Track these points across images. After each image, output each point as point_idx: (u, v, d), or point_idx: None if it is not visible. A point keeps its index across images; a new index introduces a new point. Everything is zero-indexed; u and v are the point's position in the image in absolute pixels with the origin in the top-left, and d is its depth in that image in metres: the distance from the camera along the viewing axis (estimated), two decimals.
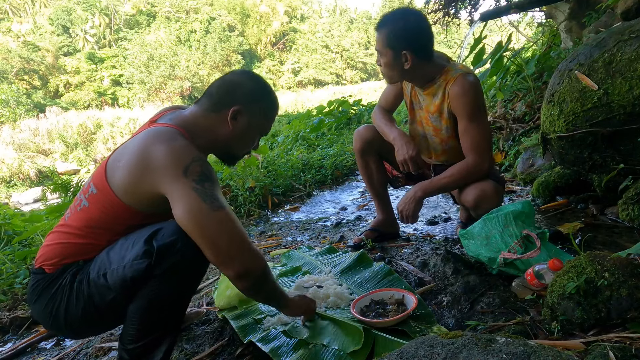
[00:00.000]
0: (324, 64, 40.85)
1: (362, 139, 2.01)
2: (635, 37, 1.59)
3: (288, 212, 3.39)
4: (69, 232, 1.14)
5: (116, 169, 1.09)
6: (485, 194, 1.69)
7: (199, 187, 1.00)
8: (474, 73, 1.74)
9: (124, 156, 1.09)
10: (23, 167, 15.36)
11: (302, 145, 6.08)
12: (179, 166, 1.01)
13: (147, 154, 1.04)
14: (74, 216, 1.15)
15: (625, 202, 1.77)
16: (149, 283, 1.03)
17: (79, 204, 1.15)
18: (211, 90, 1.21)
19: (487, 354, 0.78)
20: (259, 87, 1.22)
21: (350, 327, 1.28)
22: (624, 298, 1.04)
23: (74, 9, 34.56)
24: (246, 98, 1.19)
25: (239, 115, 1.19)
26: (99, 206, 1.11)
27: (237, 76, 1.22)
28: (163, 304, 1.07)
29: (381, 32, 1.66)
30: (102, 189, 1.10)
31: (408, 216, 1.78)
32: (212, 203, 1.00)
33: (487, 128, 1.72)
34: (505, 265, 1.46)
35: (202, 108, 1.20)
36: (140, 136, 1.11)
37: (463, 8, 6.15)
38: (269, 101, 1.25)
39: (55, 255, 1.13)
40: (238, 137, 1.22)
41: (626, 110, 1.59)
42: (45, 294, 1.12)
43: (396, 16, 1.66)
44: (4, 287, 2.25)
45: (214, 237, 1.00)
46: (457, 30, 8.69)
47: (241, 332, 1.38)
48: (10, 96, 21.97)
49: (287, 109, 17.95)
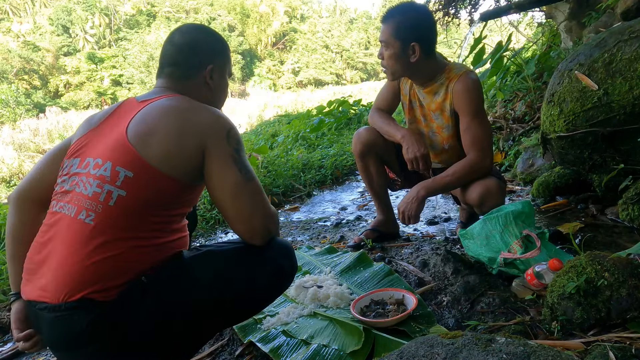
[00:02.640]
0: (324, 64, 40.85)
1: (362, 142, 1.97)
2: (635, 37, 1.60)
3: (288, 212, 3.39)
4: (111, 238, 0.90)
5: (148, 142, 0.96)
6: (490, 191, 1.68)
7: (237, 157, 1.02)
8: (475, 72, 1.75)
9: (152, 127, 0.98)
10: (23, 167, 15.33)
11: (302, 145, 6.07)
12: (223, 129, 1.03)
13: (190, 117, 1.01)
14: (106, 214, 0.91)
15: (625, 202, 1.77)
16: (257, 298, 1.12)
17: (106, 199, 0.92)
18: (175, 59, 1.14)
19: (487, 354, 0.78)
20: (212, 39, 1.21)
21: (350, 327, 1.28)
22: (624, 298, 1.04)
23: (74, 9, 34.56)
24: (210, 54, 1.18)
25: (214, 73, 1.18)
26: (139, 189, 0.94)
27: (190, 36, 1.17)
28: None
29: (390, 22, 1.64)
30: (138, 167, 0.94)
31: (410, 216, 1.74)
32: (247, 174, 1.03)
33: (488, 126, 1.73)
34: (505, 265, 1.46)
35: (177, 79, 1.14)
36: (164, 105, 1.03)
37: (463, 8, 6.14)
38: (223, 46, 1.23)
39: (106, 274, 0.89)
40: (219, 91, 1.22)
41: (626, 110, 1.59)
42: (107, 331, 0.90)
43: (406, 8, 1.66)
44: (4, 287, 2.25)
45: (247, 213, 1.04)
46: (457, 30, 8.69)
47: (241, 332, 1.38)
48: (10, 96, 21.97)
49: (287, 109, 17.93)
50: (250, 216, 1.03)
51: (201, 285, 0.99)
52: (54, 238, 0.93)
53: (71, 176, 0.99)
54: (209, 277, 1.01)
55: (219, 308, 1.02)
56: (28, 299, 0.95)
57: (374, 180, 2.06)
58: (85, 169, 0.97)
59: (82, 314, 0.88)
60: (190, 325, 1.00)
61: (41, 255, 0.95)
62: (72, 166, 1.01)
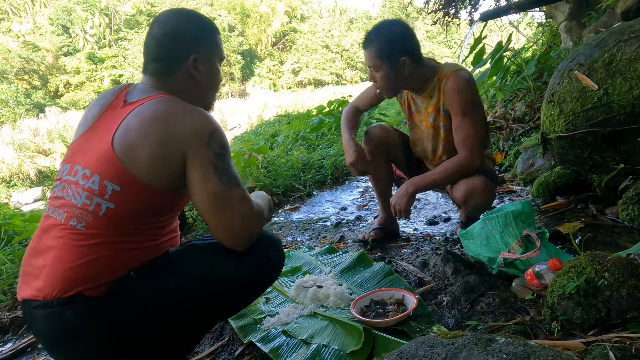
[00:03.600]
0: (324, 64, 40.83)
1: (372, 143, 1.97)
2: (635, 37, 1.59)
3: (288, 212, 3.39)
4: (101, 241, 0.94)
5: (133, 155, 0.96)
6: (475, 190, 1.69)
7: (218, 164, 0.99)
8: (467, 70, 1.75)
9: (136, 140, 0.97)
10: (23, 167, 15.35)
11: (302, 145, 6.07)
12: (204, 134, 0.99)
13: (171, 124, 0.98)
14: (96, 222, 0.94)
15: (625, 202, 1.77)
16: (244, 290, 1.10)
17: (95, 210, 0.94)
18: (156, 54, 1.09)
19: (487, 354, 0.78)
20: (193, 26, 1.12)
21: (350, 327, 1.28)
22: (624, 298, 1.04)
23: (74, 9, 34.55)
24: (194, 42, 1.10)
25: (198, 63, 1.10)
26: (127, 202, 0.96)
27: (168, 26, 1.09)
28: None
29: (372, 46, 1.65)
30: (127, 182, 0.96)
31: (400, 210, 1.78)
32: (228, 182, 1.00)
33: (479, 125, 1.72)
34: (505, 265, 1.46)
35: (160, 75, 1.09)
36: (147, 111, 1.00)
37: (463, 8, 6.15)
38: (208, 31, 1.15)
39: (97, 272, 0.93)
40: (209, 81, 1.15)
41: (626, 110, 1.59)
42: (98, 324, 0.93)
43: (382, 28, 1.67)
44: (4, 287, 2.25)
45: (228, 222, 1.01)
46: (457, 30, 8.69)
47: (241, 332, 1.38)
48: (10, 96, 21.97)
49: (287, 109, 17.94)
50: (230, 225, 1.01)
51: (184, 275, 1.00)
52: (47, 242, 0.96)
53: (62, 182, 1.01)
54: (192, 267, 1.02)
55: (204, 298, 1.03)
56: (23, 298, 0.97)
57: (382, 179, 2.09)
58: (74, 177, 0.98)
59: (73, 309, 0.91)
60: (179, 317, 1.01)
61: (36, 259, 0.96)
62: (64, 172, 1.02)
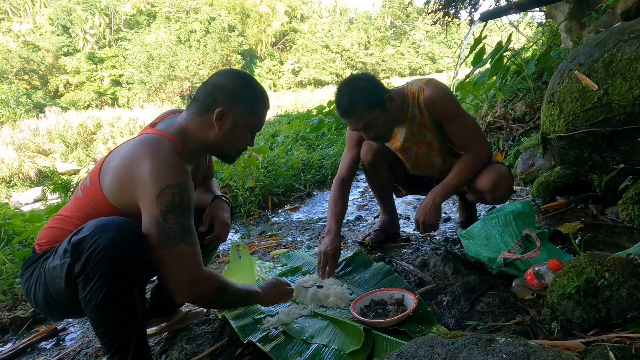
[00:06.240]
0: (324, 64, 40.84)
1: (373, 152, 1.94)
2: (635, 37, 1.59)
3: (288, 212, 3.39)
4: (61, 217, 1.20)
5: (108, 169, 1.15)
6: (502, 175, 1.69)
7: (161, 221, 1.04)
8: (432, 78, 1.78)
9: (116, 160, 1.15)
10: (23, 167, 15.36)
11: (302, 145, 6.08)
12: (155, 189, 1.05)
13: (134, 167, 1.09)
14: (69, 204, 1.22)
15: (625, 202, 1.77)
16: (78, 282, 1.01)
17: (75, 194, 1.23)
18: (197, 95, 1.25)
19: (487, 354, 0.78)
20: (239, 86, 1.23)
21: (350, 327, 1.28)
22: (624, 298, 1.04)
23: (74, 9, 34.56)
24: (228, 98, 1.21)
25: (224, 116, 1.21)
26: (88, 199, 1.17)
27: (219, 77, 1.24)
28: (104, 302, 1.01)
29: (355, 108, 1.61)
30: (94, 183, 1.17)
31: (431, 225, 1.74)
32: (168, 241, 1.04)
33: (472, 118, 1.77)
34: (505, 265, 1.46)
35: (191, 113, 1.24)
36: (134, 144, 1.15)
37: (463, 8, 6.15)
38: (252, 98, 1.25)
39: (44, 237, 1.19)
40: (227, 137, 1.24)
41: (626, 110, 1.59)
42: (26, 273, 1.18)
43: (352, 88, 1.62)
44: (4, 287, 2.25)
45: (168, 270, 1.06)
46: (457, 30, 8.68)
47: (241, 332, 1.38)
48: (10, 96, 21.97)
49: (287, 109, 17.96)
50: (167, 277, 1.07)
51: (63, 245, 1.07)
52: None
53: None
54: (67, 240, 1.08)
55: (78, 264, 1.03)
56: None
57: (383, 185, 2.10)
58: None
59: (29, 256, 1.21)
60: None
61: None
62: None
